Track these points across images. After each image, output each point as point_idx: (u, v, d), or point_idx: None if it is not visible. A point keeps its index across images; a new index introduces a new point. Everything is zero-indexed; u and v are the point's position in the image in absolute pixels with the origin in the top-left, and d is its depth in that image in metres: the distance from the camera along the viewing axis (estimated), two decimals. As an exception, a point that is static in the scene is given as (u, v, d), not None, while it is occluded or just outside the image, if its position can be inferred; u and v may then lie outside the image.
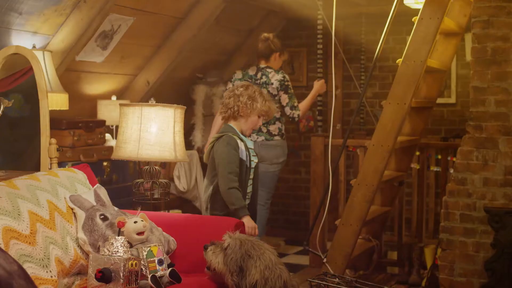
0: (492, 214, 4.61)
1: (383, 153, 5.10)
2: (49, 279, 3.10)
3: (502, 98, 4.67)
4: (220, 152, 4.28)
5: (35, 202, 3.29)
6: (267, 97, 4.49)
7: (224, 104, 4.45)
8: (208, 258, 3.34)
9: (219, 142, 4.31)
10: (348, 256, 5.25)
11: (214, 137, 4.40)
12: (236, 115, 4.41)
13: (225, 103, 4.44)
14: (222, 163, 4.25)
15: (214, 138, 4.38)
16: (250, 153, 4.40)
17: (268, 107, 4.43)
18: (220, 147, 4.28)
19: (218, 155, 4.28)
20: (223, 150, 4.27)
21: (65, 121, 5.65)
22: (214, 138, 4.38)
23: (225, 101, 4.45)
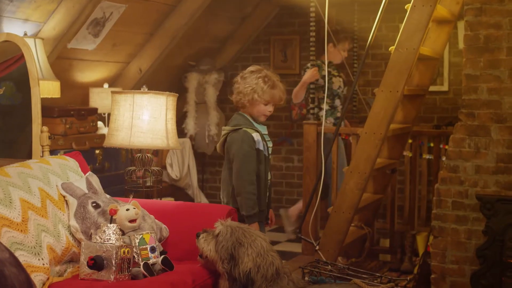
0: (484, 201, 4.62)
1: (375, 141, 5.10)
2: (41, 266, 3.09)
3: (494, 85, 4.67)
4: (235, 150, 4.01)
5: (27, 189, 3.28)
6: (272, 82, 4.07)
7: (234, 91, 4.15)
8: (200, 246, 3.34)
9: (233, 136, 4.04)
10: (341, 244, 5.26)
11: (227, 129, 4.10)
12: (243, 104, 4.10)
13: (234, 89, 4.15)
14: (238, 163, 3.99)
15: (228, 131, 4.08)
16: (266, 141, 4.14)
17: (270, 95, 4.05)
18: (236, 144, 4.01)
19: (234, 153, 4.02)
20: (239, 149, 4.00)
21: (57, 109, 5.63)
22: (228, 131, 4.08)
23: (234, 88, 4.16)
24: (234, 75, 8.10)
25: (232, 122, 4.13)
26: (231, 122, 4.13)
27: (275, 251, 3.35)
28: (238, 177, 3.96)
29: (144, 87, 4.53)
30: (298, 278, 3.45)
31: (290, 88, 7.96)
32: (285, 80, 7.99)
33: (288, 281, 3.26)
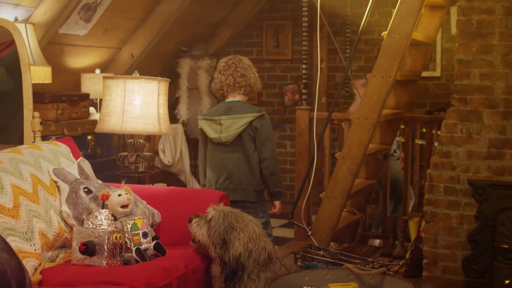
0: (476, 186, 4.63)
1: (368, 126, 5.10)
2: (33, 252, 3.09)
3: (486, 71, 4.67)
4: (268, 134, 4.28)
5: (18, 175, 3.27)
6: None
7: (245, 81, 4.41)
8: (193, 231, 3.34)
9: (264, 122, 4.28)
10: (333, 229, 5.26)
11: (251, 115, 4.28)
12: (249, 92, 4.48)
13: (244, 79, 4.41)
14: (271, 145, 4.30)
15: (252, 117, 4.27)
16: None
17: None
18: (267, 129, 4.28)
19: (266, 136, 4.27)
20: (270, 133, 4.32)
21: (48, 94, 5.61)
22: (252, 117, 4.27)
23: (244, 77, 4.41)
24: (226, 60, 8.10)
25: (242, 109, 4.31)
26: (242, 110, 4.31)
27: (268, 236, 3.36)
28: (273, 159, 4.29)
29: (136, 72, 4.51)
30: (290, 263, 3.46)
31: (283, 73, 7.98)
32: (277, 66, 8.03)
33: (280, 266, 3.27)
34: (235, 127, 4.27)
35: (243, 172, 4.30)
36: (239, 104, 4.37)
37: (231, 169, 4.32)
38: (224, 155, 4.35)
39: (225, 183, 4.33)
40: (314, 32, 6.80)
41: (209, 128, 4.39)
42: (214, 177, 4.39)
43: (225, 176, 4.34)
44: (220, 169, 4.36)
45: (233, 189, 4.30)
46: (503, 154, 4.64)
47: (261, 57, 8.10)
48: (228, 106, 4.37)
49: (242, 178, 4.31)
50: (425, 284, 4.87)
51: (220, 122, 4.33)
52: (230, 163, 4.33)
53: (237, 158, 4.31)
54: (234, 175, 4.31)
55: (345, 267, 3.10)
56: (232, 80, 4.35)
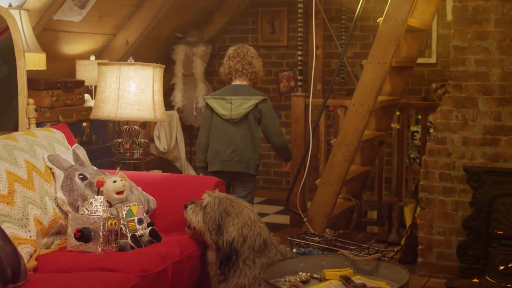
0: (471, 173, 4.64)
1: (363, 113, 5.09)
2: (28, 239, 3.09)
3: (482, 57, 4.67)
4: (273, 115, 4.89)
5: (13, 162, 3.26)
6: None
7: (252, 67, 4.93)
8: (188, 217, 3.34)
9: (268, 104, 4.85)
10: (328, 215, 5.27)
11: (257, 98, 4.79)
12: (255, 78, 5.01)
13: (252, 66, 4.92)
14: (276, 124, 4.90)
15: (258, 100, 4.79)
16: None
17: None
18: (271, 110, 4.89)
19: (271, 117, 4.86)
20: (274, 113, 4.93)
21: (43, 81, 5.59)
22: (258, 100, 4.79)
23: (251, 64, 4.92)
24: (221, 47, 8.09)
25: (249, 92, 4.85)
26: (249, 92, 4.84)
27: (263, 222, 3.36)
28: (279, 134, 4.93)
29: (131, 58, 4.49)
30: (286, 249, 3.46)
31: (278, 60, 7.96)
32: (272, 52, 8.01)
33: (275, 252, 3.27)
34: (244, 107, 4.77)
35: (247, 147, 4.81)
36: (245, 87, 4.86)
37: (238, 143, 4.80)
38: (232, 131, 4.81)
39: (231, 156, 4.80)
40: (310, 19, 6.78)
41: (219, 106, 4.82)
42: (221, 149, 4.82)
43: (232, 149, 4.80)
44: (227, 143, 4.81)
45: (238, 161, 4.81)
46: (498, 141, 4.64)
47: (257, 44, 8.08)
48: (235, 88, 4.85)
49: (246, 152, 4.81)
50: (420, 270, 4.89)
51: (231, 101, 4.79)
52: (237, 138, 4.80)
53: (243, 134, 4.81)
54: (239, 148, 4.79)
55: (340, 253, 3.10)
56: (241, 67, 4.85)
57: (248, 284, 3.16)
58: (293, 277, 2.88)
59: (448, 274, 4.80)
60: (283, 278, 2.89)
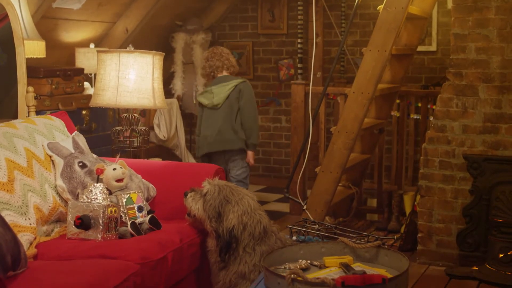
0: (471, 161, 4.64)
1: (363, 101, 5.09)
2: (28, 226, 3.09)
3: (482, 45, 4.66)
4: (250, 96, 5.45)
5: (12, 149, 3.26)
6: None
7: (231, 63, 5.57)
8: (188, 205, 3.34)
9: (246, 86, 5.43)
10: (328, 203, 5.27)
11: (235, 82, 5.39)
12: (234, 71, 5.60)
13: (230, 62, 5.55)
14: (252, 105, 5.46)
15: (237, 83, 5.38)
16: None
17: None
18: (250, 92, 5.45)
19: (249, 98, 5.42)
20: (252, 95, 5.49)
21: (42, 69, 5.58)
22: (237, 83, 5.38)
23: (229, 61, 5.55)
24: (221, 35, 8.08)
25: (229, 78, 5.45)
26: (229, 78, 5.44)
27: (263, 210, 3.36)
28: (252, 115, 5.42)
29: (130, 46, 4.48)
30: (285, 237, 3.46)
31: (278, 48, 7.94)
32: (272, 40, 8.00)
33: (275, 239, 3.27)
34: (224, 91, 5.37)
35: (229, 127, 5.38)
36: (226, 76, 5.48)
37: (221, 125, 5.39)
38: (216, 116, 5.41)
39: (217, 136, 5.39)
40: (310, 6, 6.77)
41: (203, 98, 5.48)
42: (209, 133, 5.44)
43: (217, 131, 5.40)
44: (213, 127, 5.42)
45: (221, 140, 5.40)
46: (498, 129, 4.64)
47: (256, 32, 8.06)
48: (218, 80, 5.46)
49: (229, 130, 5.39)
50: (419, 257, 4.90)
51: (212, 91, 5.43)
52: (220, 121, 5.39)
53: (224, 116, 5.38)
54: (223, 129, 5.38)
55: (340, 240, 3.10)
56: (220, 63, 5.47)
57: (248, 271, 3.17)
58: (293, 264, 2.88)
59: (448, 261, 4.80)
60: (283, 265, 2.89)
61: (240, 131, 5.40)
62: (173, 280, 3.18)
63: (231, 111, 5.39)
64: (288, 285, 2.50)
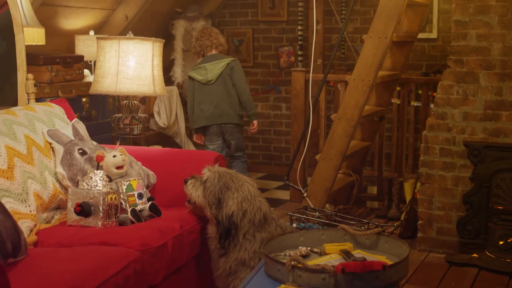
0: (472, 148, 4.64)
1: (363, 88, 5.08)
2: (28, 213, 3.09)
3: (483, 32, 4.64)
4: (241, 72, 5.80)
5: (12, 136, 3.25)
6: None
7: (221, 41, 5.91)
8: (188, 192, 3.34)
9: (236, 63, 5.78)
10: (328, 191, 5.27)
11: (227, 60, 5.74)
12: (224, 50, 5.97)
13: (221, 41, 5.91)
14: (243, 80, 5.79)
15: (229, 61, 5.73)
16: None
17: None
18: (240, 69, 5.80)
19: (240, 74, 5.77)
20: (242, 71, 5.83)
21: (42, 56, 5.56)
22: (229, 61, 5.73)
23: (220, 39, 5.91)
24: (221, 22, 8.06)
25: (221, 57, 5.79)
26: (221, 57, 5.78)
27: (263, 197, 3.35)
28: (245, 88, 5.79)
29: (130, 33, 4.47)
30: (286, 224, 3.46)
31: (278, 35, 7.92)
32: (272, 27, 7.97)
33: (276, 226, 3.27)
34: (217, 68, 5.69)
35: (225, 101, 5.71)
36: (217, 55, 5.82)
37: (218, 100, 5.70)
38: (211, 91, 5.72)
39: (214, 111, 5.70)
40: (310, -7, 6.74)
41: (197, 74, 5.76)
42: (205, 108, 5.72)
43: (213, 106, 5.70)
44: (209, 102, 5.71)
45: (219, 114, 5.71)
46: (499, 116, 4.63)
47: (256, 19, 8.04)
48: (208, 58, 5.79)
49: (225, 105, 5.71)
50: (419, 245, 4.90)
51: (205, 68, 5.73)
52: (216, 96, 5.71)
53: (220, 92, 5.70)
54: (219, 104, 5.70)
55: (340, 227, 3.10)
56: (209, 42, 5.81)
57: (248, 258, 3.17)
58: (293, 251, 2.88)
59: (448, 249, 4.81)
60: (283, 252, 2.89)
61: (236, 106, 5.74)
62: (173, 267, 3.18)
63: (225, 86, 5.72)
64: (288, 272, 2.50)
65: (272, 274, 2.60)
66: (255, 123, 5.91)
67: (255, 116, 5.88)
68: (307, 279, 2.47)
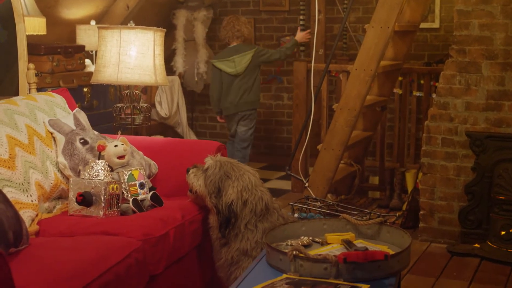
0: (474, 138, 4.63)
1: (365, 78, 5.06)
2: (29, 203, 3.08)
3: (486, 21, 4.63)
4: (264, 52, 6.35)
5: (13, 126, 3.25)
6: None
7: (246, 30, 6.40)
8: (190, 181, 3.33)
9: (258, 50, 6.30)
10: (330, 181, 5.27)
11: (255, 49, 6.28)
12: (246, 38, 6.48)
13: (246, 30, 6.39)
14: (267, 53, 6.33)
15: (252, 52, 6.23)
16: None
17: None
18: (261, 50, 6.34)
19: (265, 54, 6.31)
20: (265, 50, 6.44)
21: (43, 46, 5.55)
22: (252, 52, 6.23)
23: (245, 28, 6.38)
24: (223, 12, 8.03)
25: (244, 49, 6.26)
26: (244, 49, 6.26)
27: (265, 186, 3.35)
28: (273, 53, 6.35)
29: (131, 22, 4.45)
30: (288, 214, 3.45)
31: (280, 25, 7.90)
32: (274, 17, 7.95)
33: (278, 216, 3.27)
34: (244, 61, 6.18)
35: (251, 90, 6.26)
36: (239, 46, 6.26)
37: (245, 89, 6.23)
38: (239, 82, 6.21)
39: (242, 99, 6.24)
40: (312, -17, 6.72)
41: (226, 66, 6.22)
42: (235, 98, 6.24)
43: (240, 95, 6.23)
44: (238, 92, 6.22)
45: (246, 102, 6.26)
46: (501, 106, 4.62)
47: (258, 8, 8.01)
48: (233, 49, 6.24)
49: (252, 94, 6.28)
50: (421, 235, 4.90)
51: (233, 60, 6.18)
52: (244, 86, 6.23)
53: (248, 82, 6.23)
54: (247, 93, 6.24)
55: (342, 217, 3.09)
56: (231, 33, 6.25)
57: (250, 248, 3.17)
58: (295, 241, 2.88)
59: (450, 239, 4.81)
60: (285, 242, 2.89)
61: (258, 93, 6.40)
62: (175, 256, 3.18)
63: (252, 76, 6.25)
64: (290, 261, 2.50)
65: (274, 263, 2.60)
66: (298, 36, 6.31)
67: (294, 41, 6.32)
68: (309, 269, 2.47)
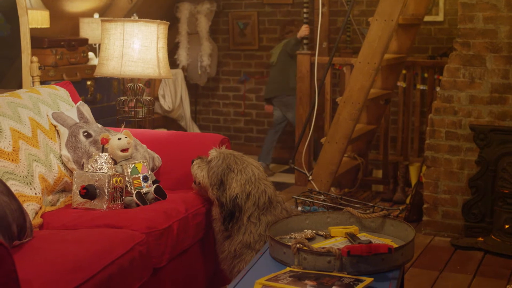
0: (478, 131, 4.62)
1: (369, 71, 5.06)
2: (33, 196, 3.08)
3: (490, 14, 4.61)
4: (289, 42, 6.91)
5: (17, 119, 3.24)
6: None
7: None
8: (194, 172, 3.33)
9: (287, 42, 6.94)
10: (333, 174, 5.27)
11: (281, 44, 7.05)
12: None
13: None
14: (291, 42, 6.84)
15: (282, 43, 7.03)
16: None
17: None
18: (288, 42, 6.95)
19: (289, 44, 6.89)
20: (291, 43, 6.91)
21: (46, 39, 5.55)
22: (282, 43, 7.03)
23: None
24: (226, 5, 8.02)
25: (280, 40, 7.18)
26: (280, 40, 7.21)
27: (269, 180, 3.34)
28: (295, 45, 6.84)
29: (135, 15, 4.45)
30: (291, 207, 3.45)
31: (284, 18, 7.88)
32: (278, 10, 7.94)
33: (281, 209, 3.26)
34: (275, 52, 7.02)
35: (284, 77, 6.93)
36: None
37: (277, 76, 6.97)
38: (273, 70, 7.08)
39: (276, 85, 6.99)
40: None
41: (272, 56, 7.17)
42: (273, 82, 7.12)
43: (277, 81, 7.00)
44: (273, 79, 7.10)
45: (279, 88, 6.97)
46: (505, 99, 4.61)
47: (262, 1, 7.99)
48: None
49: (284, 81, 6.96)
50: (425, 228, 4.90)
51: (271, 52, 7.15)
52: (276, 73, 7.00)
53: (279, 70, 6.97)
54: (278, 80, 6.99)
55: (346, 210, 3.09)
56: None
57: (253, 241, 3.16)
58: (298, 234, 2.88)
59: (453, 232, 4.80)
60: (289, 235, 2.89)
61: (293, 79, 6.68)
62: (178, 249, 3.18)
63: (283, 65, 6.94)
64: (293, 254, 2.50)
65: (278, 257, 2.60)
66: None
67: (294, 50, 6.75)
68: (313, 262, 2.47)
